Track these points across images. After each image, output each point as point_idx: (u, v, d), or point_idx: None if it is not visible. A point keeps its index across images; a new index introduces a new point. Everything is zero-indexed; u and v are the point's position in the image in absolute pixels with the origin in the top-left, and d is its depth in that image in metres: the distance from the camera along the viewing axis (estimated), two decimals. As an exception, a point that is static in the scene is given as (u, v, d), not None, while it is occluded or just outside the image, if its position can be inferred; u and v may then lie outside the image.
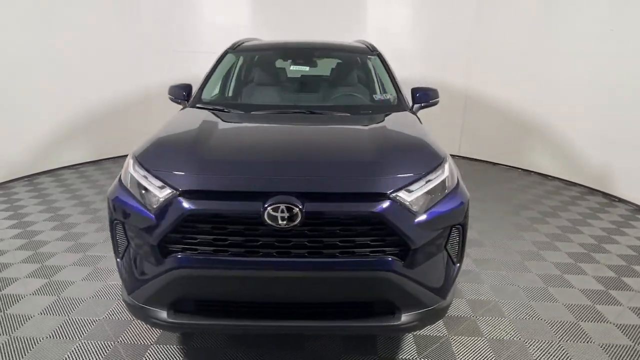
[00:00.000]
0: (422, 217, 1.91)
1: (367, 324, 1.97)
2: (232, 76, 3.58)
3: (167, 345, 2.39)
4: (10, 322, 2.57)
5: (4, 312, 2.65)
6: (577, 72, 5.26)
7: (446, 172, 2.08)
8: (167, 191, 1.89)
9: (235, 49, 3.68)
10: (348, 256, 1.86)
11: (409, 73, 6.40)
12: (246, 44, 3.77)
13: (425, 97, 3.18)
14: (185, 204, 1.84)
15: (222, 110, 2.91)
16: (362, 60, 3.63)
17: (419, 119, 2.89)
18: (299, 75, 3.58)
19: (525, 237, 3.85)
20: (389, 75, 3.25)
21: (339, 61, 3.76)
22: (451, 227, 2.03)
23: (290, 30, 6.12)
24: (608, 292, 2.98)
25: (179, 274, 1.87)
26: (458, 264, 2.14)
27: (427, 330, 2.52)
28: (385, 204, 1.85)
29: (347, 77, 3.55)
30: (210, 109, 2.91)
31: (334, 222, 1.85)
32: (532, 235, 3.87)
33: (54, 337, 2.43)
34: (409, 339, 2.46)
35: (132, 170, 2.05)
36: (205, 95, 3.24)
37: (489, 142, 6.51)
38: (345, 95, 3.32)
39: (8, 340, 2.41)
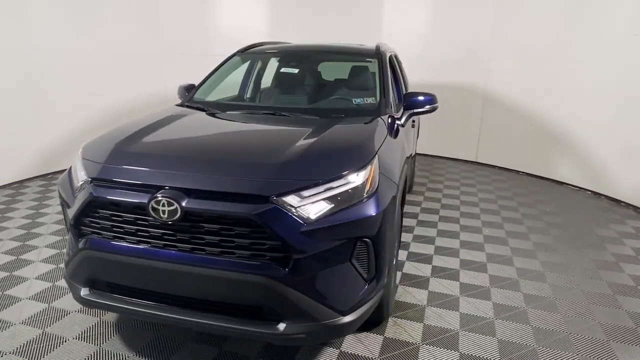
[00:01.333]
0: (313, 225, 1.82)
1: (246, 327, 1.90)
2: (234, 78, 3.62)
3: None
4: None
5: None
6: (602, 79, 5.06)
7: (357, 182, 1.95)
8: (84, 178, 2.07)
9: (244, 52, 3.74)
10: (227, 256, 1.85)
11: (426, 78, 6.51)
12: (257, 47, 3.81)
13: (418, 103, 3.11)
14: (91, 191, 1.99)
15: (202, 109, 3.01)
16: (361, 63, 3.58)
17: (393, 124, 2.77)
18: (295, 78, 3.57)
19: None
20: (381, 79, 3.17)
21: (336, 64, 3.74)
22: (356, 239, 1.93)
23: (308, 34, 6.18)
24: None
25: (86, 254, 2.04)
26: (371, 282, 2.03)
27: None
28: (264, 207, 1.80)
29: (340, 80, 3.52)
30: (193, 107, 3.02)
31: (213, 220, 1.84)
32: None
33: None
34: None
35: (75, 159, 2.25)
36: (199, 95, 3.31)
37: (507, 150, 6.41)
38: (328, 99, 3.30)
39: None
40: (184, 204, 1.83)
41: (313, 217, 1.84)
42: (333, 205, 1.89)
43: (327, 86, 3.58)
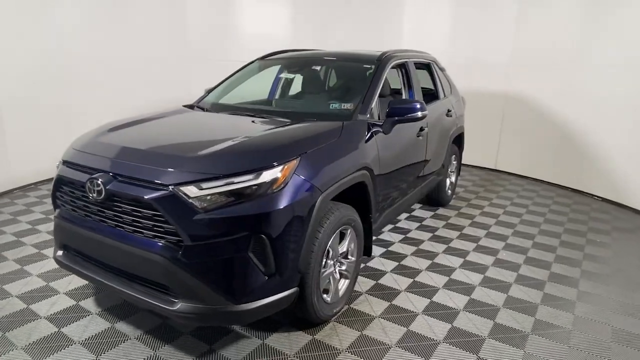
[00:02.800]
0: (206, 215, 1.99)
1: (151, 301, 2.14)
2: (244, 82, 3.89)
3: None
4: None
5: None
6: (625, 85, 4.94)
7: (260, 180, 2.06)
8: (59, 160, 2.51)
9: (264, 58, 4.01)
10: (137, 234, 2.12)
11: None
12: (274, 55, 4.03)
13: (399, 111, 3.03)
14: (58, 170, 2.48)
15: (201, 109, 3.33)
16: (360, 69, 3.57)
17: (360, 130, 2.80)
18: (292, 83, 3.73)
19: None
20: (368, 86, 3.15)
21: (339, 70, 3.78)
22: (253, 234, 2.02)
23: (328, 42, 6.33)
24: None
25: (57, 222, 2.50)
26: (271, 278, 2.12)
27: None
28: (162, 194, 2.02)
29: (335, 86, 3.57)
30: (196, 107, 3.37)
31: (126, 202, 2.13)
32: None
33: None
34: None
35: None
36: (210, 98, 3.66)
37: (527, 157, 6.37)
38: (312, 103, 3.37)
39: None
40: (108, 186, 2.15)
41: (207, 207, 2.01)
42: (231, 199, 2.03)
43: (322, 91, 3.66)
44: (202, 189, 2.03)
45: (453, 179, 5.10)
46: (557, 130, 5.88)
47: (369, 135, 2.89)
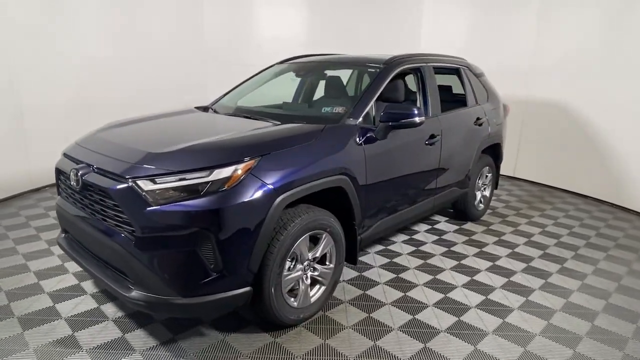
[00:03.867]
0: (157, 209, 2.08)
1: (113, 285, 2.28)
2: (261, 86, 3.98)
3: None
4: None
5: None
6: None
7: (213, 177, 2.12)
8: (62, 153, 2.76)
9: (282, 62, 4.09)
10: (105, 222, 2.27)
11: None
12: (291, 60, 4.09)
13: (394, 116, 2.90)
14: (58, 160, 2.73)
15: (214, 111, 3.49)
16: (367, 74, 3.48)
17: (346, 134, 2.76)
18: (299, 86, 3.74)
19: None
20: (366, 89, 3.05)
21: (335, 75, 3.71)
22: (201, 230, 2.06)
23: (345, 47, 6.03)
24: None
25: (57, 208, 2.76)
26: (220, 275, 2.16)
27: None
28: (120, 185, 2.16)
29: (335, 90, 3.51)
30: (206, 108, 3.54)
31: (96, 192, 2.30)
32: None
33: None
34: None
35: None
36: (224, 100, 3.80)
37: (547, 165, 6.19)
38: (311, 107, 3.38)
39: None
40: (85, 176, 2.34)
41: (158, 201, 2.11)
42: (183, 194, 2.11)
43: (324, 95, 3.63)
44: (156, 184, 2.13)
45: (487, 192, 4.74)
46: (576, 138, 5.71)
47: (358, 140, 2.81)
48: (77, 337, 2.46)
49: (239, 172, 2.18)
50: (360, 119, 2.91)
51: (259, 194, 2.21)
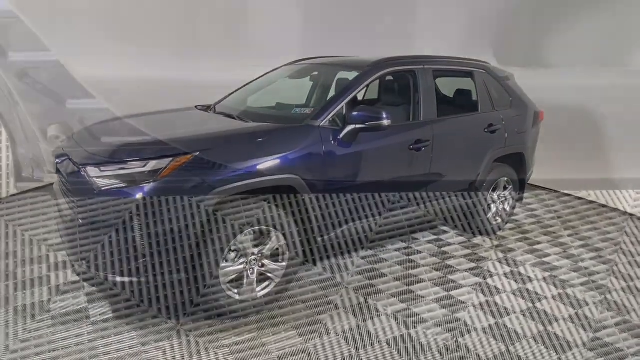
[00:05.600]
0: (101, 193, 2.34)
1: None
2: (264, 87, 4.13)
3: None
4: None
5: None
6: None
7: (147, 168, 2.33)
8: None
9: (290, 64, 4.19)
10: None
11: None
12: (297, 62, 4.15)
13: (358, 118, 2.87)
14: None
15: (206, 110, 3.67)
16: (347, 77, 3.42)
17: (303, 134, 2.80)
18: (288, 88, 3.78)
19: None
20: (342, 91, 3.07)
21: (329, 77, 3.70)
22: (136, 215, 2.28)
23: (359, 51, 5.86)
24: None
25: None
26: (144, 258, 2.33)
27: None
28: (78, 172, 2.46)
29: (323, 92, 3.51)
30: (206, 109, 3.73)
31: (65, 177, 2.62)
32: None
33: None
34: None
35: None
36: (227, 101, 3.99)
37: (561, 170, 5.66)
38: (287, 108, 3.44)
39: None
40: (61, 164, 2.68)
41: (101, 186, 2.37)
42: (122, 184, 2.35)
43: (310, 96, 3.68)
44: (101, 171, 2.39)
45: (506, 206, 4.38)
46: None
47: (320, 140, 2.83)
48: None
49: (174, 165, 2.36)
50: (325, 121, 2.92)
51: (192, 186, 2.35)
